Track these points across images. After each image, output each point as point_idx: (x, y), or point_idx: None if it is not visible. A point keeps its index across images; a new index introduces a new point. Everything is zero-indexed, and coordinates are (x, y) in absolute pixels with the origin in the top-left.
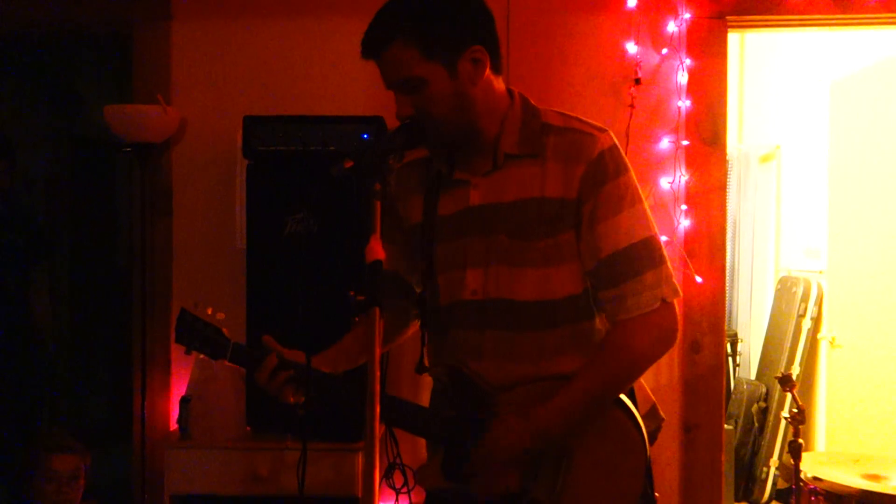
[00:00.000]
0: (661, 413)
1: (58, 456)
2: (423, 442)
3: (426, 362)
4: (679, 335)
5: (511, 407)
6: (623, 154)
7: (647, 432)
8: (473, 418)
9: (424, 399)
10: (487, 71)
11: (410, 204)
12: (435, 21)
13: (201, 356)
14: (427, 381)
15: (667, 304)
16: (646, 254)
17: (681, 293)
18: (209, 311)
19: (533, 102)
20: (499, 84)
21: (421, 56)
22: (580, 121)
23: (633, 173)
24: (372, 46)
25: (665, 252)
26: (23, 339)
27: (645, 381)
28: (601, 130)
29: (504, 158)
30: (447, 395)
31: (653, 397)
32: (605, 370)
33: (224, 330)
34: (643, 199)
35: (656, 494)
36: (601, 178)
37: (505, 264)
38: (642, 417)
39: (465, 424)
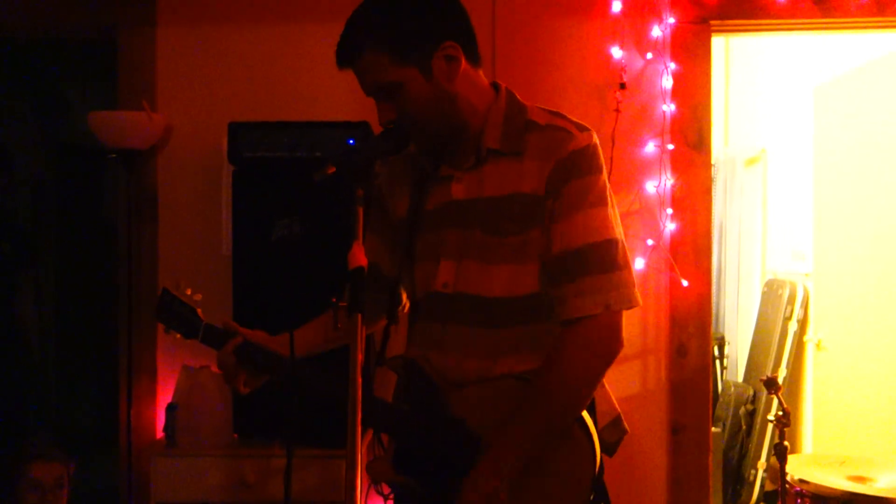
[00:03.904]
0: (625, 425)
1: (41, 464)
2: None
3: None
4: (665, 339)
5: (464, 406)
6: (599, 155)
7: (609, 443)
8: (425, 416)
9: None
10: (464, 65)
11: (398, 197)
12: (401, 25)
13: (177, 335)
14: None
15: (610, 313)
16: (598, 257)
17: (638, 302)
18: (188, 292)
19: (519, 98)
20: (480, 78)
21: (392, 61)
22: (563, 118)
23: (605, 176)
24: (344, 57)
25: (627, 258)
26: (8, 346)
27: (612, 390)
28: (581, 129)
29: (486, 154)
30: (404, 389)
31: (618, 409)
32: (549, 404)
33: (198, 310)
34: (611, 203)
35: None
36: (567, 175)
37: (476, 259)
38: (604, 428)
39: (415, 420)
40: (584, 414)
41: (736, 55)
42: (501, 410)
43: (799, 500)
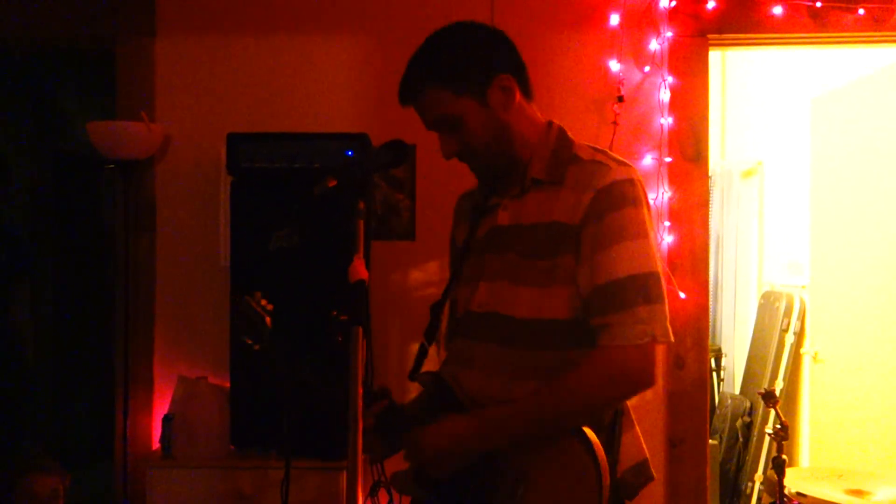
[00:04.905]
0: (652, 471)
1: (36, 477)
2: None
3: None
4: (663, 351)
5: None
6: (640, 189)
7: (631, 484)
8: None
9: None
10: (518, 97)
11: (460, 231)
12: (460, 63)
13: (248, 341)
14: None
15: (651, 345)
16: (642, 288)
17: (672, 339)
18: (263, 302)
19: (570, 136)
20: (533, 111)
21: (452, 95)
22: (606, 155)
23: (646, 209)
24: (407, 95)
25: (665, 293)
26: (3, 355)
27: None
28: (621, 164)
29: (531, 183)
30: (428, 403)
31: (647, 453)
32: (565, 392)
33: (267, 319)
34: (651, 235)
35: None
36: (607, 206)
37: (507, 280)
38: (629, 469)
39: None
40: (597, 450)
41: (733, 67)
42: None
43: None
